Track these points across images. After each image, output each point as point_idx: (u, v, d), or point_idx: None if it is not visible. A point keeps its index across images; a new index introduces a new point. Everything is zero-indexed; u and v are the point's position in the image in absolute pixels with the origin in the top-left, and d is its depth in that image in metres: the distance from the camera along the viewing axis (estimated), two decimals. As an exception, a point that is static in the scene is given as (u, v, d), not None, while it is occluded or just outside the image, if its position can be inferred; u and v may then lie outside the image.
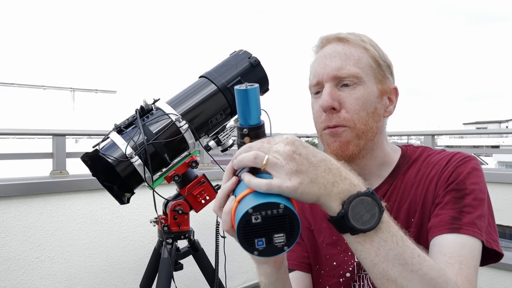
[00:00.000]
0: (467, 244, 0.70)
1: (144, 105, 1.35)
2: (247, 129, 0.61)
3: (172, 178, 1.41)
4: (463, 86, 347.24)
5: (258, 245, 0.52)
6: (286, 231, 0.52)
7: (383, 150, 0.88)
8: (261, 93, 1.48)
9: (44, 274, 1.98)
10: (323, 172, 0.55)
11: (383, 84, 0.85)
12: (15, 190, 1.92)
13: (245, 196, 0.55)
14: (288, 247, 0.52)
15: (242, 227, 0.52)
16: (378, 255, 0.58)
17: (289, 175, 0.53)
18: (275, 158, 0.53)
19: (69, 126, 8.45)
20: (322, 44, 0.88)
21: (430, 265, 0.60)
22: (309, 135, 4.00)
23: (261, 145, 0.55)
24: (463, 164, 0.80)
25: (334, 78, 0.82)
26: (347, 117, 0.81)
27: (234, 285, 2.66)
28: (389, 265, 0.58)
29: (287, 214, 0.51)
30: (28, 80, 13.55)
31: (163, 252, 1.47)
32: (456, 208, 0.75)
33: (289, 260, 0.94)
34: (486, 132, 14.33)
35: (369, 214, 0.56)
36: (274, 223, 0.51)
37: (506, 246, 3.05)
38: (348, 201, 0.56)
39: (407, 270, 0.58)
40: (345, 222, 0.56)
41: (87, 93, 12.08)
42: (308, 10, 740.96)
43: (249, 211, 0.51)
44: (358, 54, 0.83)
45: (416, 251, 0.60)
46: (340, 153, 0.83)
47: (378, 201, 0.57)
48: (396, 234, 0.59)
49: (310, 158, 0.54)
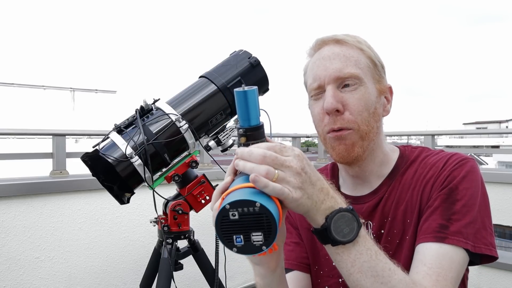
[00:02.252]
0: (448, 255, 0.73)
1: (144, 105, 1.35)
2: (246, 129, 0.62)
3: (172, 178, 1.41)
4: (463, 86, 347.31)
5: (237, 242, 0.54)
6: (264, 231, 0.53)
7: (382, 150, 0.89)
8: (261, 93, 1.48)
9: (44, 274, 1.98)
10: (317, 191, 0.61)
11: (380, 83, 0.86)
12: (15, 190, 1.92)
13: (230, 192, 0.56)
14: (267, 247, 0.54)
15: (220, 222, 0.53)
16: (353, 265, 0.64)
17: (295, 189, 0.57)
18: (283, 174, 0.57)
19: (69, 126, 8.45)
20: (318, 46, 0.88)
21: (399, 278, 0.65)
22: (309, 135, 4.00)
23: (276, 158, 0.57)
24: (459, 167, 0.80)
25: (336, 80, 0.82)
26: (351, 119, 0.81)
27: (234, 285, 2.66)
28: (362, 275, 0.64)
29: (264, 213, 0.52)
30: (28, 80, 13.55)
31: (163, 252, 1.47)
32: (445, 215, 0.76)
33: (288, 260, 0.94)
34: (486, 132, 14.33)
35: (349, 228, 0.62)
36: (251, 221, 0.53)
37: (506, 246, 3.05)
38: (331, 215, 0.61)
39: (378, 281, 0.64)
40: (327, 234, 0.62)
41: (87, 93, 12.08)
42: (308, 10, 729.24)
43: (226, 207, 0.53)
44: (356, 55, 0.84)
45: (387, 265, 0.65)
46: (346, 156, 0.83)
47: (357, 217, 0.63)
48: (371, 248, 0.64)
49: (311, 176, 0.60)
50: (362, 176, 0.90)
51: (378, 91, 0.85)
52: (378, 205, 0.87)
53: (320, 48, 0.87)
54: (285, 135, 3.83)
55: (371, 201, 0.88)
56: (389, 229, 0.85)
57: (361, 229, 0.63)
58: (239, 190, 0.55)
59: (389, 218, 0.85)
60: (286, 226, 0.99)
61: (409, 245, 0.81)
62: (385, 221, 0.85)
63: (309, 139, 5.48)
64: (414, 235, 0.80)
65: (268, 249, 0.54)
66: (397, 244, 0.83)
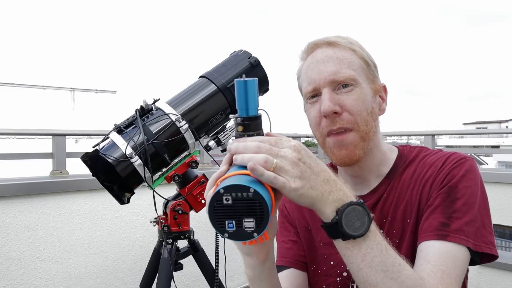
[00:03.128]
0: (451, 253, 0.73)
1: (144, 105, 1.35)
2: (244, 119, 0.62)
3: (172, 178, 1.41)
4: (463, 86, 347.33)
5: (229, 227, 0.54)
6: (256, 217, 0.53)
7: (380, 149, 0.89)
8: (261, 93, 1.48)
9: (44, 274, 1.98)
10: (322, 182, 0.60)
11: (374, 83, 0.87)
12: (15, 190, 1.92)
13: (225, 179, 0.56)
14: (258, 234, 0.54)
15: (213, 206, 0.53)
16: (363, 260, 0.63)
17: (293, 178, 0.57)
18: (281, 163, 0.57)
19: (69, 126, 8.45)
20: (310, 49, 0.88)
21: (408, 274, 0.65)
22: (309, 135, 4.00)
23: (270, 148, 0.58)
24: (458, 166, 0.80)
25: (331, 83, 0.82)
26: (351, 119, 0.81)
27: (234, 285, 2.66)
28: (372, 270, 0.63)
29: (257, 200, 0.52)
30: (28, 80, 13.55)
31: (163, 252, 1.47)
32: (446, 213, 0.76)
33: (285, 257, 0.95)
34: (486, 132, 14.36)
35: (360, 222, 0.61)
36: (244, 206, 0.53)
37: (506, 246, 3.05)
38: (342, 209, 0.61)
39: (388, 277, 0.63)
40: (338, 228, 0.61)
41: (87, 93, 12.07)
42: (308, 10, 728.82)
43: (220, 191, 0.53)
44: (350, 56, 0.84)
45: (397, 260, 0.65)
46: (347, 161, 0.83)
47: (368, 211, 0.62)
48: (381, 243, 0.64)
49: (312, 167, 0.59)
50: (361, 176, 0.90)
51: (373, 91, 0.86)
52: (377, 205, 0.87)
53: (312, 51, 0.87)
54: (285, 135, 3.82)
55: (369, 200, 0.88)
56: (388, 229, 0.85)
57: (371, 223, 0.63)
58: (235, 176, 0.56)
59: (388, 218, 0.85)
60: (285, 224, 0.99)
61: (408, 245, 0.81)
62: (384, 221, 0.86)
63: (309, 139, 5.48)
64: (413, 235, 0.81)
65: (259, 236, 0.54)
66: (396, 244, 0.83)
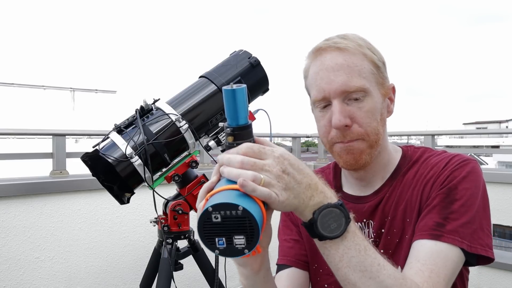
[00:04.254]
0: (443, 253, 0.73)
1: (144, 105, 1.35)
2: (233, 128, 0.61)
3: (172, 178, 1.41)
4: (463, 86, 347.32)
5: (219, 244, 0.53)
6: (246, 234, 0.52)
7: (387, 151, 0.89)
8: (261, 93, 1.48)
9: (44, 274, 1.98)
10: (304, 189, 0.60)
11: (384, 86, 0.85)
12: (15, 190, 1.92)
13: (213, 194, 0.55)
14: (249, 250, 0.53)
15: (202, 224, 0.53)
16: (341, 260, 0.64)
17: (280, 191, 0.57)
18: (268, 178, 0.57)
19: (69, 126, 8.45)
20: (319, 52, 0.84)
21: (388, 273, 0.65)
22: (309, 135, 4.00)
23: (254, 164, 0.57)
24: (460, 168, 0.80)
25: (342, 94, 0.80)
26: (361, 131, 0.81)
27: (234, 285, 2.66)
28: (350, 270, 0.64)
29: (246, 217, 0.52)
30: (28, 80, 13.55)
31: (163, 252, 1.47)
32: (443, 213, 0.76)
33: (287, 256, 0.95)
34: (486, 132, 14.36)
35: (336, 224, 0.62)
36: (234, 224, 0.52)
37: (506, 246, 3.04)
38: (319, 211, 0.61)
39: (366, 276, 0.64)
40: (314, 229, 0.61)
41: (87, 93, 12.08)
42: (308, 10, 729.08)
43: (209, 209, 0.52)
44: (360, 62, 0.81)
45: (376, 260, 0.65)
46: (353, 164, 0.84)
47: (346, 213, 0.62)
48: (359, 244, 0.64)
49: (295, 176, 0.59)
50: (366, 179, 0.90)
51: (382, 96, 0.85)
52: (379, 205, 0.87)
53: (321, 54, 0.84)
54: (285, 135, 3.82)
55: (372, 201, 0.88)
56: (389, 228, 0.85)
57: (349, 224, 0.63)
58: (223, 192, 0.55)
59: (389, 217, 0.85)
60: (287, 223, 0.99)
61: (408, 244, 0.81)
62: (385, 220, 0.86)
63: (309, 139, 5.47)
64: (413, 234, 0.80)
65: (250, 252, 0.53)
66: (396, 243, 0.84)
